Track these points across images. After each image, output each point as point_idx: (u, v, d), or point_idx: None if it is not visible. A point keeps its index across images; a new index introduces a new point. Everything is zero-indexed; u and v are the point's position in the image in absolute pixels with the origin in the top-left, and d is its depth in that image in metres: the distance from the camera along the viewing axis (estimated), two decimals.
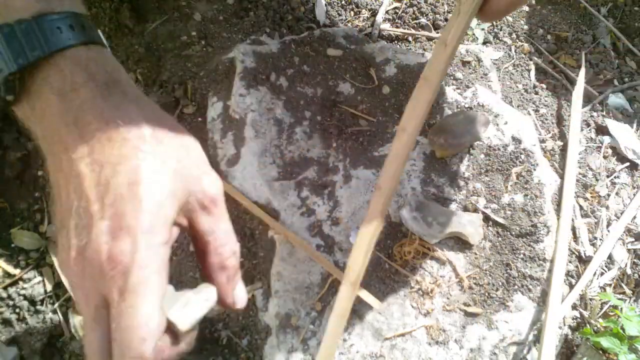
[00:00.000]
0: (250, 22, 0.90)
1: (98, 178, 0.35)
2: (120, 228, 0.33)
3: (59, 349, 0.73)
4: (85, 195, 0.35)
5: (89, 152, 0.35)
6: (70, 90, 0.36)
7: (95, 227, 0.33)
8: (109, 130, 0.36)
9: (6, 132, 0.84)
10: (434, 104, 0.80)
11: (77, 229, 0.34)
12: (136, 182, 0.34)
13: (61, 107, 0.36)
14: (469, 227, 0.70)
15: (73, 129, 0.36)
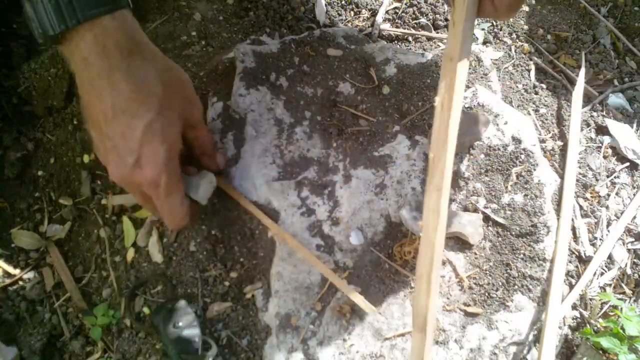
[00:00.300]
0: (250, 22, 0.90)
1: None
2: (149, 156, 0.51)
3: (59, 349, 0.73)
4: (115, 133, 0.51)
5: (113, 105, 0.48)
6: (102, 52, 0.47)
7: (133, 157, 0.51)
8: (132, 88, 0.48)
9: (6, 132, 0.84)
10: (434, 104, 0.80)
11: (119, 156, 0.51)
12: (155, 131, 0.50)
13: (95, 63, 0.47)
14: (469, 227, 0.70)
15: (104, 83, 0.48)
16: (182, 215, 0.59)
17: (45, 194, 0.81)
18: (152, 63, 0.51)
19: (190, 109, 0.57)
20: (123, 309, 0.72)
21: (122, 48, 0.47)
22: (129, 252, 0.75)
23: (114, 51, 0.47)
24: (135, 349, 0.70)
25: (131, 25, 0.50)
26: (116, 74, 0.47)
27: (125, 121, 0.49)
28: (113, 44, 0.47)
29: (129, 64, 0.48)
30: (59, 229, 0.78)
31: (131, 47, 0.48)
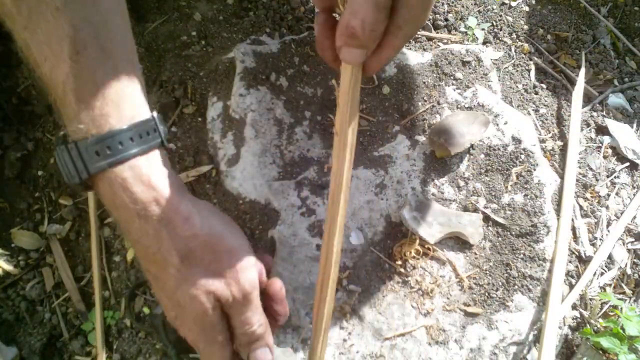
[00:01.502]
0: (250, 22, 0.90)
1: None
2: (182, 320, 0.47)
3: (59, 349, 0.73)
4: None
5: (141, 260, 0.45)
6: (114, 207, 0.42)
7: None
8: (147, 253, 0.43)
9: (6, 132, 0.84)
10: (434, 104, 0.80)
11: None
12: (179, 302, 0.45)
13: (114, 216, 0.43)
14: (469, 227, 0.70)
15: (124, 233, 0.45)
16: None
17: (45, 194, 0.81)
18: (168, 229, 0.43)
19: (221, 285, 0.45)
20: (123, 309, 0.72)
21: (131, 206, 0.41)
22: (129, 252, 0.75)
23: (124, 209, 0.41)
24: (135, 349, 0.70)
25: (147, 180, 0.42)
26: (131, 234, 0.43)
27: (153, 281, 0.45)
28: (123, 202, 0.41)
29: (141, 228, 0.42)
30: (59, 228, 0.78)
31: (143, 209, 0.42)
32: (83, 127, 0.40)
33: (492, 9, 1.01)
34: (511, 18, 1.00)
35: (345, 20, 0.35)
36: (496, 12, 1.00)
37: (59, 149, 0.42)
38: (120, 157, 0.41)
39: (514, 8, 1.02)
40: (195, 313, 0.44)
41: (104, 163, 0.40)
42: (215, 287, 0.44)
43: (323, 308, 0.48)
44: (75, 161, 0.41)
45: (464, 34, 0.95)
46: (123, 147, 0.41)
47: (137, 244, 0.43)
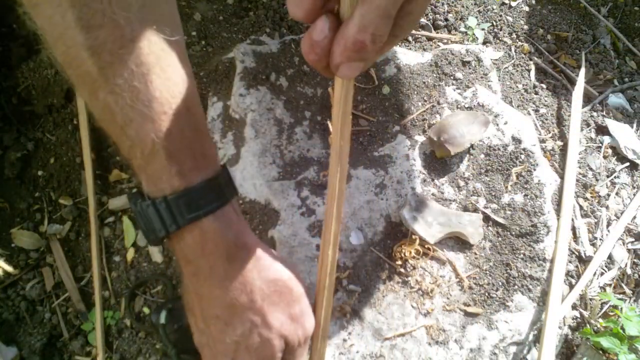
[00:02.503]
0: (250, 22, 0.90)
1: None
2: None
3: (59, 349, 0.73)
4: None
5: (210, 306, 0.45)
6: (201, 255, 0.43)
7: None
8: (226, 297, 0.44)
9: (6, 132, 0.84)
10: (434, 104, 0.80)
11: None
12: (247, 347, 0.46)
13: (191, 270, 0.45)
14: (469, 227, 0.70)
15: (203, 284, 0.45)
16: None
17: (45, 194, 0.81)
18: (254, 272, 0.45)
19: (291, 329, 0.47)
20: (123, 309, 0.72)
21: (221, 252, 0.43)
22: (129, 252, 0.75)
23: (213, 255, 0.43)
24: (135, 349, 0.70)
25: (236, 227, 0.45)
26: (213, 279, 0.44)
27: (220, 326, 0.45)
28: (213, 247, 0.43)
29: (228, 270, 0.44)
30: (59, 228, 0.78)
31: (233, 252, 0.44)
32: (174, 181, 0.41)
33: (492, 9, 1.01)
34: (511, 18, 1.00)
35: (351, 35, 0.34)
36: (496, 12, 1.01)
37: (143, 205, 0.42)
38: (210, 207, 0.42)
39: (514, 8, 1.02)
40: (264, 357, 0.46)
41: (197, 214, 0.42)
42: (288, 331, 0.47)
43: (320, 316, 0.49)
44: (163, 215, 0.42)
45: (464, 34, 0.95)
46: (212, 198, 0.43)
47: (218, 289, 0.44)
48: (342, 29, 0.34)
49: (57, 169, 0.82)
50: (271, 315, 0.46)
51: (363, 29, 0.33)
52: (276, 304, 0.46)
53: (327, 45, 0.35)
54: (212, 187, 0.43)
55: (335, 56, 0.35)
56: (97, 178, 0.80)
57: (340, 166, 0.43)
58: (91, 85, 0.39)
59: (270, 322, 0.45)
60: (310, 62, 0.37)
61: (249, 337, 0.45)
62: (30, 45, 0.88)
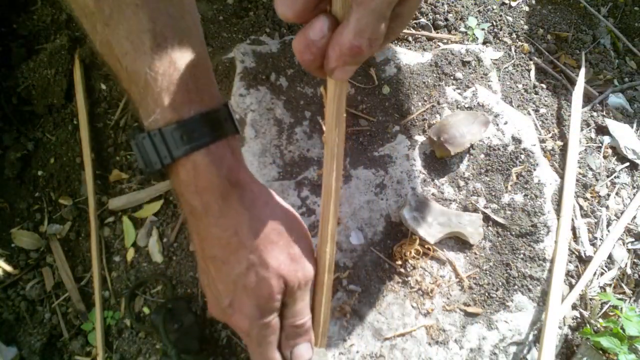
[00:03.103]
0: (250, 22, 0.90)
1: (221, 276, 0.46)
2: (239, 306, 0.46)
3: (59, 349, 0.73)
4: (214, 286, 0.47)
5: (207, 246, 0.45)
6: (195, 191, 0.43)
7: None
8: (222, 235, 0.44)
9: (6, 132, 0.84)
10: (434, 104, 0.80)
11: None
12: (245, 285, 0.44)
13: (188, 208, 0.44)
14: (469, 227, 0.70)
15: (199, 222, 0.44)
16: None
17: (45, 194, 0.81)
18: (250, 210, 0.44)
19: (290, 270, 0.46)
20: (123, 309, 0.72)
21: (214, 189, 0.43)
22: (129, 252, 0.75)
23: (206, 192, 0.43)
24: (135, 349, 0.70)
25: (229, 163, 0.44)
26: (209, 217, 0.43)
27: (218, 265, 0.45)
28: (206, 183, 0.42)
29: (222, 208, 0.43)
30: (59, 228, 0.78)
31: (226, 189, 0.43)
32: (167, 113, 0.41)
33: (492, 9, 1.01)
34: (511, 18, 1.00)
35: (347, 41, 0.33)
36: (496, 12, 1.00)
37: (140, 137, 0.43)
38: (203, 141, 0.42)
39: (514, 8, 1.02)
40: (261, 296, 0.45)
41: (190, 147, 0.41)
42: (287, 271, 0.45)
43: (319, 315, 0.49)
44: (158, 147, 0.42)
45: (464, 34, 0.95)
46: (206, 131, 0.42)
47: (214, 227, 0.44)
48: (337, 35, 0.34)
49: (57, 169, 0.82)
50: (269, 254, 0.44)
51: (359, 33, 0.33)
52: (274, 242, 0.45)
53: (324, 45, 0.35)
54: (206, 121, 0.42)
55: (330, 61, 0.35)
56: (97, 178, 0.80)
57: (335, 164, 0.43)
58: (90, 17, 0.41)
59: (268, 261, 0.44)
60: (305, 61, 0.37)
61: (246, 276, 0.44)
62: (30, 45, 0.88)
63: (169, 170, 0.44)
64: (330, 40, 0.35)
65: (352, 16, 0.33)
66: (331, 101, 0.40)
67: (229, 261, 0.44)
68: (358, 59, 0.35)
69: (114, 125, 0.83)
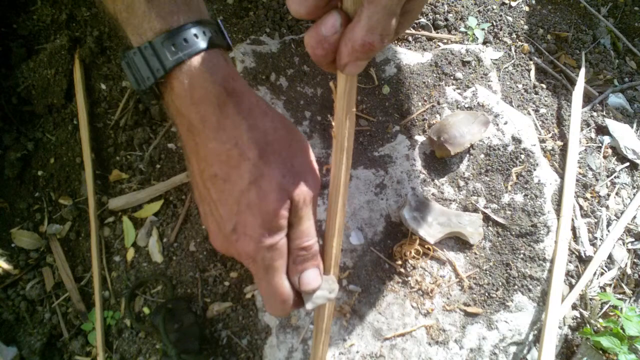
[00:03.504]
0: (250, 22, 0.90)
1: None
2: (244, 227, 0.43)
3: (59, 349, 0.73)
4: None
5: (206, 165, 0.42)
6: (191, 103, 0.41)
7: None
8: (222, 150, 0.42)
9: (6, 132, 0.84)
10: (434, 104, 0.80)
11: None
12: (249, 202, 0.42)
13: (185, 124, 0.43)
14: (469, 227, 0.70)
15: (197, 139, 0.42)
16: (282, 298, 0.45)
17: (45, 194, 0.81)
18: (248, 119, 0.42)
19: (294, 183, 0.43)
20: (123, 309, 0.72)
21: (211, 99, 0.41)
22: (129, 252, 0.75)
23: (203, 103, 0.41)
24: (135, 349, 0.70)
25: (224, 71, 0.42)
26: (207, 131, 0.41)
27: (219, 185, 0.42)
28: (202, 93, 0.41)
29: (219, 119, 0.41)
30: (59, 228, 0.78)
31: (223, 98, 0.41)
32: (157, 24, 0.41)
33: (492, 9, 1.01)
34: (511, 18, 1.00)
35: (359, 37, 0.34)
36: (496, 12, 1.00)
37: (130, 53, 0.41)
38: (196, 48, 0.41)
39: (514, 8, 1.02)
40: (266, 212, 0.41)
41: (183, 54, 0.40)
42: (291, 184, 0.42)
43: (324, 309, 0.48)
44: (149, 61, 0.41)
45: (464, 34, 0.95)
46: (198, 40, 0.41)
47: (212, 142, 0.41)
48: (349, 31, 0.35)
49: (57, 169, 0.82)
50: (270, 166, 0.42)
51: (371, 30, 0.34)
52: (277, 152, 0.43)
53: (336, 41, 0.36)
54: (198, 29, 0.42)
55: (342, 56, 0.36)
56: (97, 178, 0.80)
57: (345, 157, 0.43)
58: None
59: (270, 174, 0.42)
60: (316, 56, 0.37)
61: (249, 191, 0.41)
62: (30, 45, 0.88)
63: (163, 88, 0.42)
64: (342, 37, 0.35)
65: (363, 13, 0.33)
66: (341, 96, 0.40)
67: (230, 178, 0.42)
68: (369, 55, 0.36)
69: (114, 125, 0.83)
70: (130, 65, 0.42)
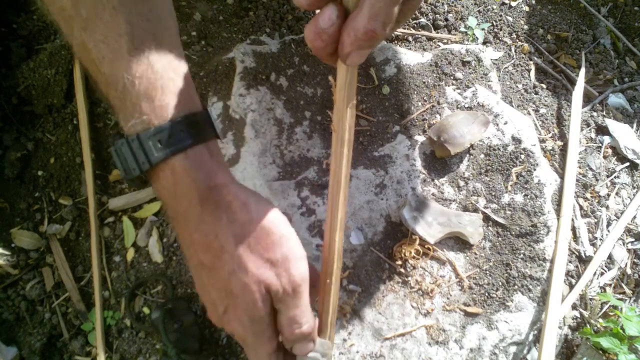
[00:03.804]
0: (250, 22, 0.90)
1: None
2: (232, 313, 0.45)
3: (59, 349, 0.73)
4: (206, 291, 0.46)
5: (194, 252, 0.44)
6: (174, 196, 0.43)
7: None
8: (204, 241, 0.43)
9: (6, 132, 0.84)
10: (434, 104, 0.80)
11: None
12: (232, 291, 0.43)
13: (171, 214, 0.44)
14: (469, 227, 0.70)
15: (182, 229, 0.44)
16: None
17: (45, 194, 0.81)
18: (228, 213, 0.43)
19: (274, 274, 0.44)
20: (123, 309, 0.72)
21: (193, 194, 0.42)
22: (129, 252, 0.75)
23: (185, 197, 0.42)
24: (135, 349, 0.70)
25: (208, 167, 0.43)
26: (190, 223, 0.43)
27: (206, 272, 0.44)
28: (185, 189, 0.42)
29: (201, 213, 0.42)
30: (59, 228, 0.78)
31: (205, 194, 0.42)
32: (145, 118, 0.41)
33: (492, 9, 1.01)
34: (511, 18, 1.00)
35: (362, 25, 0.35)
36: (496, 12, 1.01)
37: (118, 143, 0.42)
38: (181, 145, 0.42)
39: (514, 8, 1.02)
40: (246, 303, 0.44)
41: (167, 151, 0.41)
42: (266, 277, 0.44)
43: (328, 304, 0.48)
44: (136, 153, 0.41)
45: (464, 34, 0.95)
46: (184, 136, 0.42)
47: (195, 233, 0.43)
48: (352, 20, 0.35)
49: (57, 169, 0.82)
50: (248, 259, 0.43)
51: (374, 17, 0.34)
52: (252, 246, 0.44)
53: (334, 32, 0.36)
54: (184, 125, 0.42)
55: (345, 46, 0.37)
56: (97, 178, 0.80)
57: (346, 150, 0.43)
58: (67, 21, 0.40)
59: (246, 266, 0.43)
60: (316, 48, 0.38)
61: (230, 282, 0.43)
62: (30, 45, 0.88)
63: (150, 176, 0.43)
64: (345, 27, 0.36)
65: (365, 1, 0.34)
66: (342, 88, 0.40)
67: (215, 266, 0.44)
68: (372, 43, 0.36)
69: (114, 125, 0.83)
70: (118, 154, 0.43)
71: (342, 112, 0.41)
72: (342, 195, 0.45)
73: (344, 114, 0.42)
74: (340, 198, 0.45)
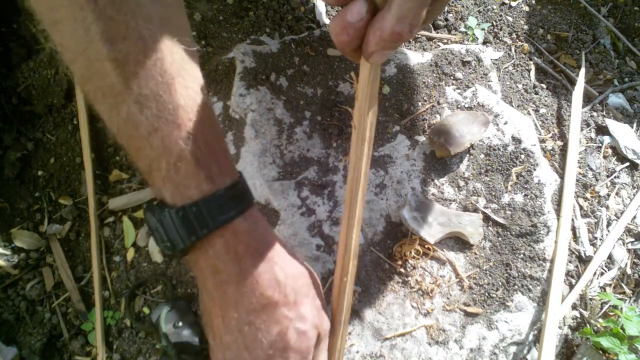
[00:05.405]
0: (250, 22, 0.90)
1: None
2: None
3: (59, 349, 0.73)
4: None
5: (239, 313, 0.44)
6: (232, 258, 0.43)
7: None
8: (263, 296, 0.44)
9: (6, 132, 0.84)
10: (434, 104, 0.80)
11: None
12: (285, 346, 0.44)
13: (219, 279, 0.44)
14: (469, 227, 0.70)
15: (232, 291, 0.44)
16: None
17: (45, 194, 0.81)
18: (283, 267, 0.45)
19: (321, 321, 0.48)
20: (123, 309, 0.72)
21: (252, 252, 0.43)
22: (129, 252, 0.75)
23: (245, 256, 0.43)
24: (135, 349, 0.70)
25: (262, 225, 0.45)
26: (245, 282, 0.43)
27: (252, 334, 0.44)
28: (244, 249, 0.43)
29: (259, 271, 0.43)
30: (59, 228, 0.78)
31: (262, 250, 0.44)
32: (204, 186, 0.41)
33: (492, 9, 1.01)
34: (511, 18, 1.00)
35: (389, 27, 0.34)
36: (496, 12, 1.01)
37: (167, 213, 0.41)
38: (241, 207, 0.43)
39: (514, 8, 1.02)
40: (301, 351, 0.45)
41: (227, 216, 0.42)
42: (319, 322, 0.47)
43: (342, 302, 0.48)
44: (192, 222, 0.41)
45: (464, 34, 0.95)
46: (240, 200, 0.43)
47: (249, 293, 0.44)
48: (378, 20, 0.35)
49: (57, 169, 0.82)
50: (304, 307, 0.46)
51: (401, 19, 0.34)
52: (306, 295, 0.47)
53: (361, 27, 0.36)
54: (237, 189, 0.43)
55: (370, 45, 0.36)
56: (97, 178, 0.80)
57: (367, 147, 0.43)
58: (114, 97, 0.39)
59: (304, 314, 0.45)
60: (340, 42, 0.38)
61: (286, 334, 0.44)
62: (30, 45, 0.88)
63: (198, 246, 0.42)
64: (371, 25, 0.36)
65: (394, 2, 0.33)
66: (365, 85, 0.40)
67: (267, 325, 0.44)
68: (397, 44, 0.36)
69: None
70: (163, 225, 0.42)
71: (364, 109, 0.41)
72: (360, 193, 0.45)
73: (365, 112, 0.41)
74: (359, 196, 0.45)
